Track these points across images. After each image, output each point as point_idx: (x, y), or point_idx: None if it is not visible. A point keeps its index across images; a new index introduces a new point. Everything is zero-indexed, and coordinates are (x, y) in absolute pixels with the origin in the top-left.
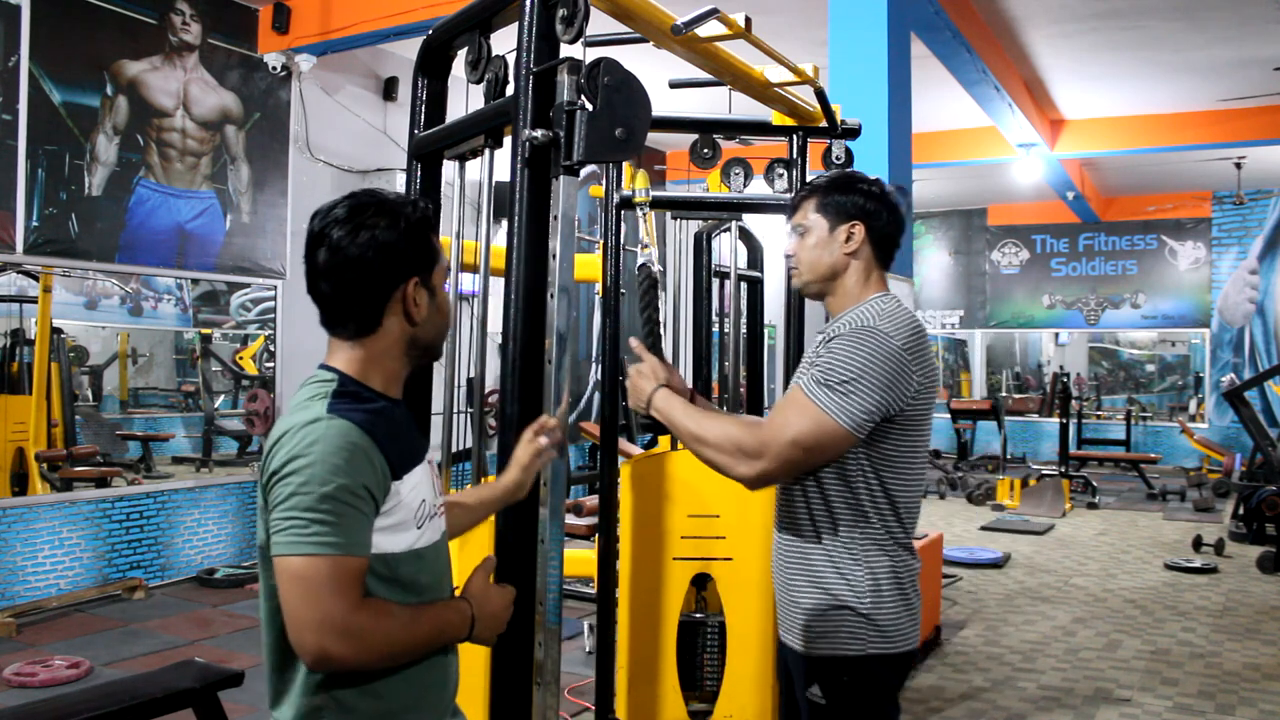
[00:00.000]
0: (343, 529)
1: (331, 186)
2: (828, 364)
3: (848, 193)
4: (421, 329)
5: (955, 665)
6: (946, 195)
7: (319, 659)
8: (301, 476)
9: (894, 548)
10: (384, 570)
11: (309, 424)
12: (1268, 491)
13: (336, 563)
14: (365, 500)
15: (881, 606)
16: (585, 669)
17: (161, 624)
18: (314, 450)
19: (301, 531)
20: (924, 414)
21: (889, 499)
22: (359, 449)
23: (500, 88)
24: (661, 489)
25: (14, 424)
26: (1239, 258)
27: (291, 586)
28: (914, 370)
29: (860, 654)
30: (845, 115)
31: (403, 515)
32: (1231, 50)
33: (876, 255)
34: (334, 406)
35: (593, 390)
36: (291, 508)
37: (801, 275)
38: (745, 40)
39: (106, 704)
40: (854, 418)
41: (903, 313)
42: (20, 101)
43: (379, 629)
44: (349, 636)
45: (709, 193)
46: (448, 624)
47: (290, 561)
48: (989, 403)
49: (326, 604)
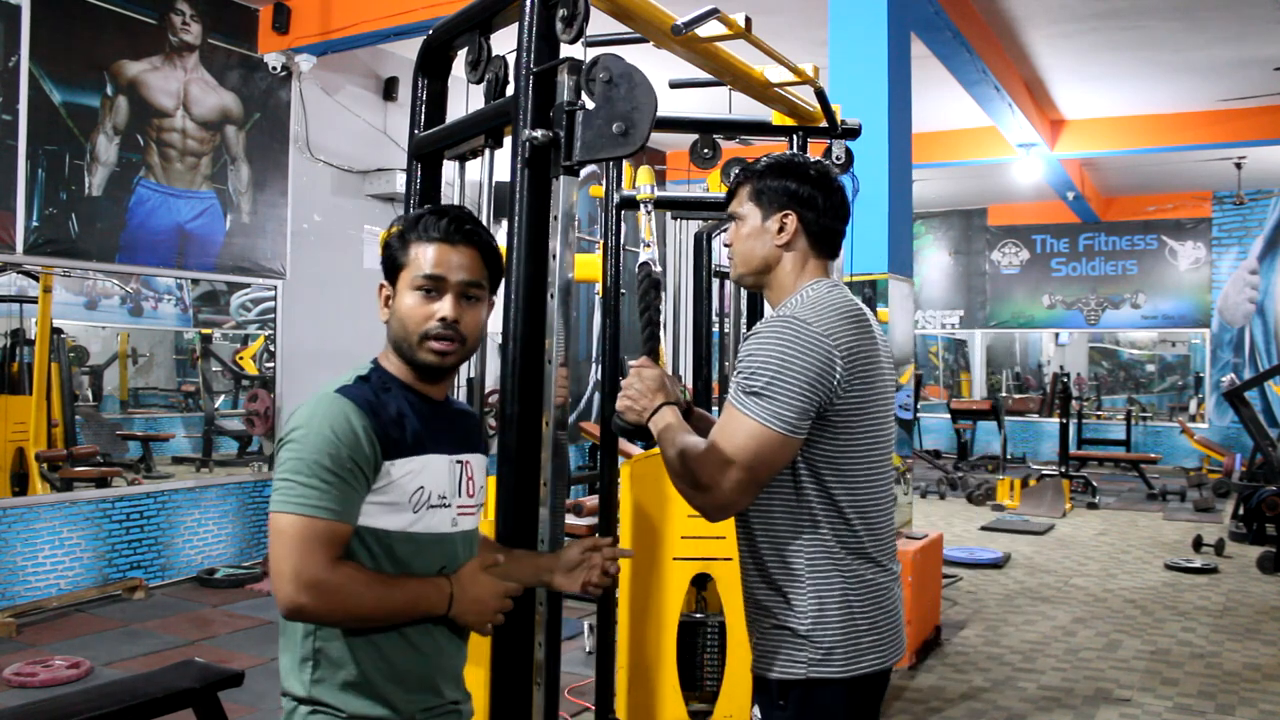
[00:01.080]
0: (325, 494)
1: (331, 186)
2: (747, 367)
3: (781, 178)
4: (390, 331)
5: (955, 665)
6: (946, 195)
7: (290, 608)
8: (298, 444)
9: (849, 560)
10: (377, 544)
11: (318, 399)
12: (1268, 491)
13: (314, 524)
14: (352, 472)
15: (825, 626)
16: (585, 669)
17: (161, 624)
18: (313, 422)
19: (289, 492)
20: (865, 407)
21: (836, 506)
22: (351, 424)
23: (500, 88)
24: (661, 489)
25: (14, 424)
26: (1239, 258)
27: (274, 540)
28: (838, 358)
29: (800, 678)
30: (845, 115)
31: (395, 496)
32: (1231, 50)
33: (814, 246)
34: (345, 387)
35: (593, 390)
36: (284, 470)
37: (737, 268)
38: (745, 40)
39: (106, 704)
40: (785, 420)
41: (832, 298)
42: (20, 101)
43: (349, 589)
44: (319, 591)
45: (709, 193)
46: (422, 597)
47: (276, 518)
48: (989, 403)
49: (302, 559)
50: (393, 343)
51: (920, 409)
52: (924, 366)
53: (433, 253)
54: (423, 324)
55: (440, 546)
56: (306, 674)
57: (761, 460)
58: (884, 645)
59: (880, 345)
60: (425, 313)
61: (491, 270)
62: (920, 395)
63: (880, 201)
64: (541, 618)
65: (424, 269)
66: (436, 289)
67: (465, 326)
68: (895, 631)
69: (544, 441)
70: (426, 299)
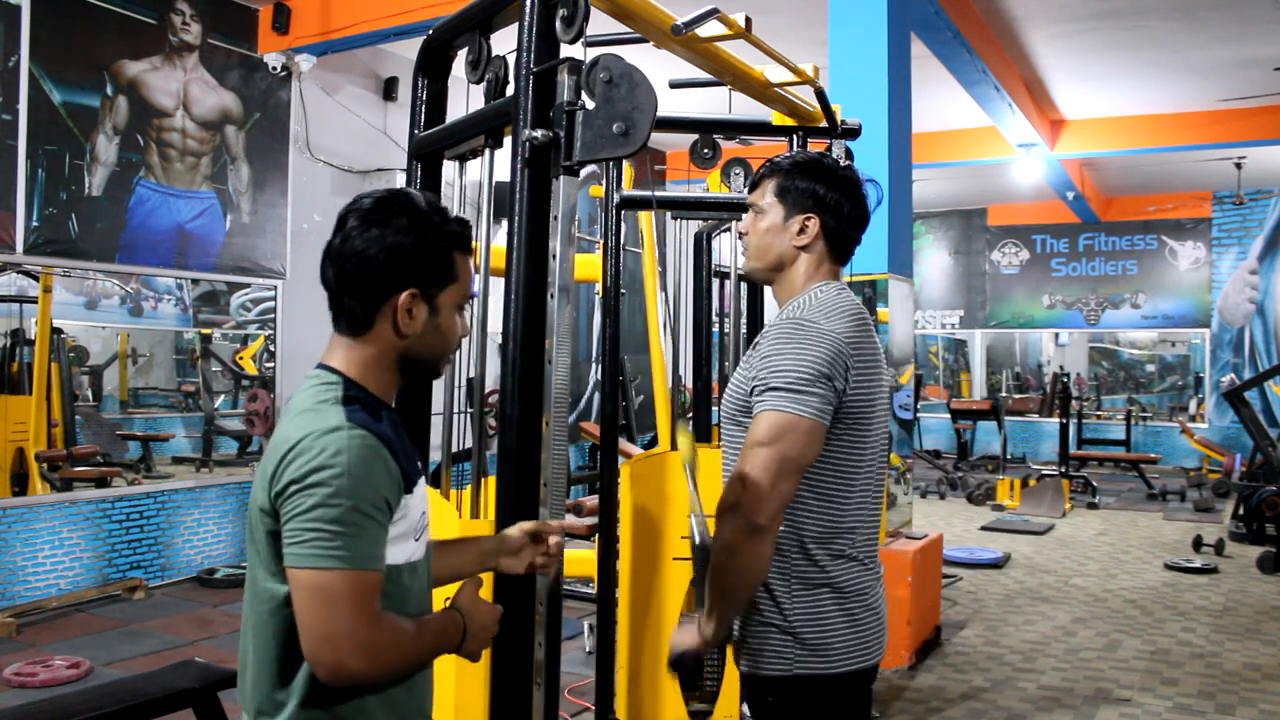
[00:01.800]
0: (364, 542)
1: (331, 186)
2: (764, 369)
3: (810, 179)
4: (412, 344)
5: (955, 665)
6: (946, 195)
7: (336, 673)
8: (329, 488)
9: (834, 559)
10: (388, 582)
11: (329, 432)
12: (1268, 491)
13: (360, 577)
14: (384, 512)
15: (811, 624)
16: (585, 669)
17: (161, 624)
18: (339, 461)
19: (327, 544)
20: (862, 409)
21: (823, 505)
22: (381, 461)
23: (500, 88)
24: (661, 489)
25: (14, 424)
26: (1239, 258)
27: (312, 599)
28: (850, 356)
29: (786, 674)
30: (845, 115)
31: (405, 527)
32: (1231, 50)
33: (831, 250)
34: (352, 415)
35: (592, 390)
36: (316, 519)
37: (749, 260)
38: (745, 40)
39: (106, 704)
40: (809, 406)
41: (839, 301)
42: (20, 101)
43: (393, 643)
44: (368, 651)
45: (709, 193)
46: (445, 635)
47: (311, 575)
48: (989, 403)
49: (348, 619)
50: (415, 355)
51: (920, 409)
52: (924, 366)
53: (470, 269)
54: (458, 340)
55: (428, 569)
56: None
57: (793, 446)
58: (868, 643)
59: (879, 349)
60: (462, 329)
61: None
62: (920, 395)
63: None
64: (541, 618)
65: (469, 289)
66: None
67: None
68: (879, 629)
69: (544, 441)
70: (461, 315)
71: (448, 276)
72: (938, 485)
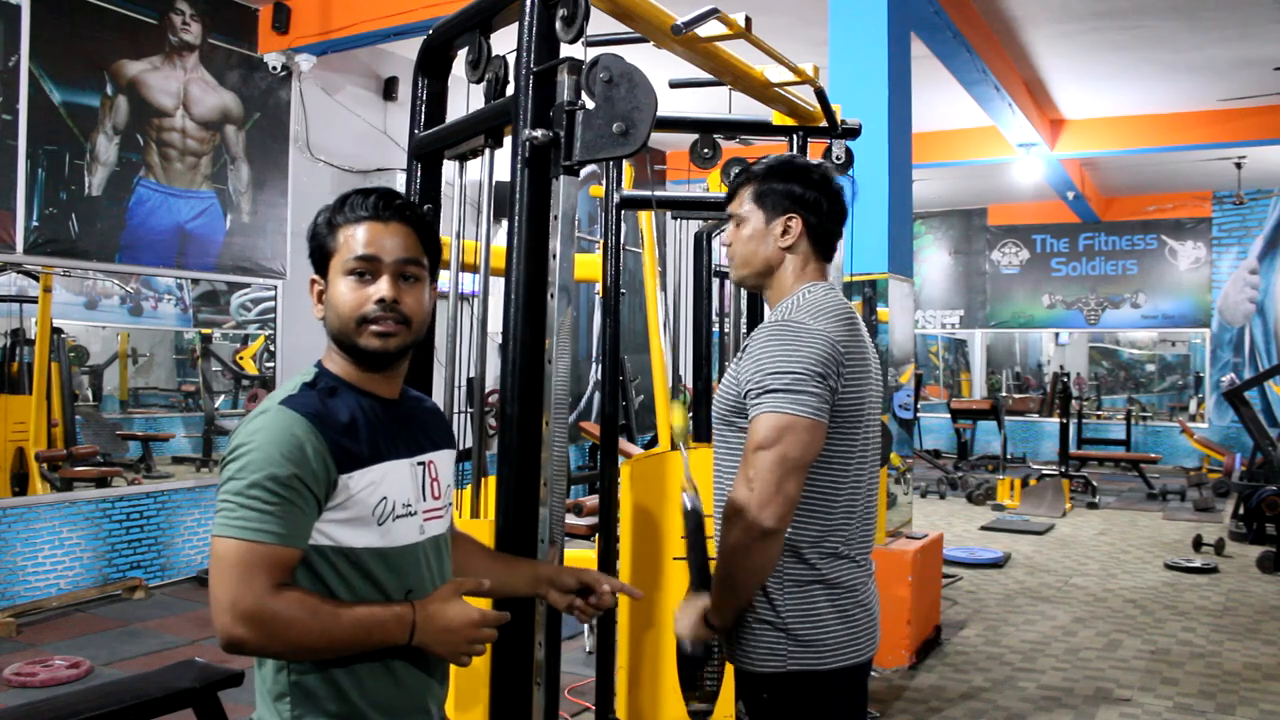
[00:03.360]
0: (267, 517)
1: (332, 186)
2: (756, 372)
3: (786, 181)
4: (328, 326)
5: (955, 665)
6: (946, 195)
7: (228, 640)
8: (239, 464)
9: (826, 556)
10: (346, 563)
11: (260, 414)
12: (1268, 491)
13: (252, 549)
14: (299, 492)
15: (803, 620)
16: (585, 669)
17: (161, 624)
18: (254, 439)
19: (228, 515)
20: (852, 409)
21: (816, 503)
22: (297, 440)
23: (500, 88)
24: (661, 489)
25: (14, 424)
26: (1239, 258)
27: (211, 567)
28: (840, 355)
29: (779, 670)
30: (845, 115)
31: (357, 510)
32: (1231, 50)
33: (815, 247)
34: (295, 397)
35: (592, 390)
36: (226, 492)
37: (737, 269)
38: (745, 40)
39: (106, 704)
40: (806, 405)
41: (828, 301)
42: (20, 101)
43: (290, 618)
44: (256, 621)
45: (709, 193)
46: (376, 626)
47: (214, 543)
48: (989, 403)
49: (238, 587)
50: (332, 336)
51: (920, 409)
52: (924, 366)
53: (363, 233)
54: (359, 308)
55: (415, 560)
56: (285, 711)
57: (794, 446)
58: (861, 639)
59: (869, 348)
60: (361, 297)
61: (429, 249)
62: (920, 395)
63: (880, 201)
64: (541, 618)
65: (355, 250)
66: (371, 271)
67: (407, 308)
68: (871, 625)
69: (544, 441)
70: (361, 283)
71: (327, 251)
72: (938, 485)
